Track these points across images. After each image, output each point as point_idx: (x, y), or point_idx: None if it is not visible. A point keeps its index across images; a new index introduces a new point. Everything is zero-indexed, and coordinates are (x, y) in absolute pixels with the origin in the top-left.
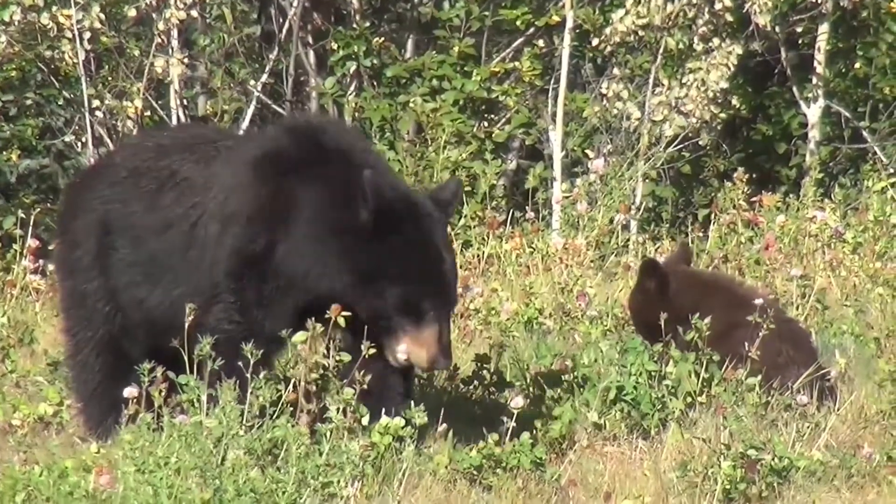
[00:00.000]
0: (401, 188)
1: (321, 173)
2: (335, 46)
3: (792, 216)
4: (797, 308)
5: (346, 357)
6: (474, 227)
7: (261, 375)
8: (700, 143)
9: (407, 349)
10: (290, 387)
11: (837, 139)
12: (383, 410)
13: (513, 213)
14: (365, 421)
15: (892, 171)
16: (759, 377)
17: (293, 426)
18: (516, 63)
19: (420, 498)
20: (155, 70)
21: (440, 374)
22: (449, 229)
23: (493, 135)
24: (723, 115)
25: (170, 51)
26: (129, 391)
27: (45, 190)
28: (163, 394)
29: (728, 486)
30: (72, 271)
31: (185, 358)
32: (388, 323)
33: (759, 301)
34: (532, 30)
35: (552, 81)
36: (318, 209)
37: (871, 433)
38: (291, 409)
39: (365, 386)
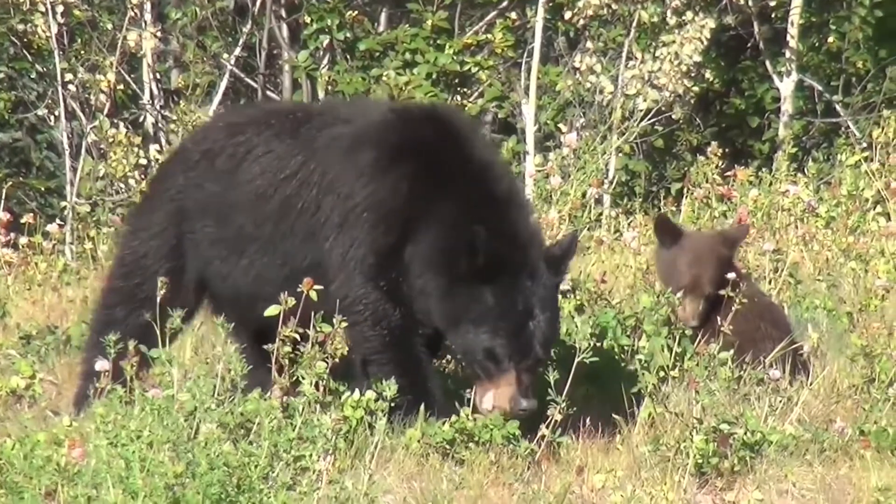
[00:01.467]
0: (518, 233)
1: (460, 191)
2: (308, 20)
3: (765, 190)
4: (770, 282)
5: (327, 328)
6: None
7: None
8: (673, 116)
9: (489, 396)
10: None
11: (810, 113)
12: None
13: None
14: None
15: (865, 145)
16: (732, 351)
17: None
18: (489, 35)
19: (392, 472)
20: (128, 44)
21: None
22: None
23: (466, 108)
24: (696, 89)
25: (143, 24)
26: (101, 365)
27: (18, 163)
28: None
29: (700, 461)
30: (143, 256)
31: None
32: (472, 367)
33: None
34: (505, 2)
35: (525, 55)
36: (443, 233)
37: (843, 407)
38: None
39: (336, 360)
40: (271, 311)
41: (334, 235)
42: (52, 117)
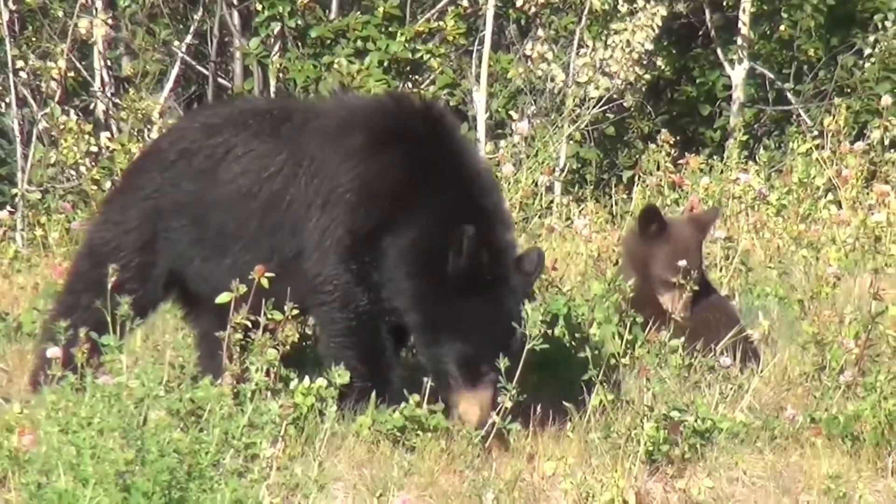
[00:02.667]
0: (500, 246)
1: (448, 191)
2: (260, 7)
3: (716, 178)
4: (721, 270)
5: (279, 316)
6: None
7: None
8: (624, 104)
9: (461, 407)
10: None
11: (762, 101)
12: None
13: None
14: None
15: (816, 133)
16: (683, 339)
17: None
18: (441, 23)
19: (343, 459)
20: (79, 31)
21: None
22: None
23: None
24: (647, 77)
25: (94, 12)
26: (53, 352)
27: None
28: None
29: (651, 448)
30: (115, 248)
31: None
32: (446, 376)
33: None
34: None
35: (476, 42)
36: (426, 230)
37: (794, 395)
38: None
39: (287, 348)
40: (223, 298)
41: (317, 217)
42: (2, 104)
